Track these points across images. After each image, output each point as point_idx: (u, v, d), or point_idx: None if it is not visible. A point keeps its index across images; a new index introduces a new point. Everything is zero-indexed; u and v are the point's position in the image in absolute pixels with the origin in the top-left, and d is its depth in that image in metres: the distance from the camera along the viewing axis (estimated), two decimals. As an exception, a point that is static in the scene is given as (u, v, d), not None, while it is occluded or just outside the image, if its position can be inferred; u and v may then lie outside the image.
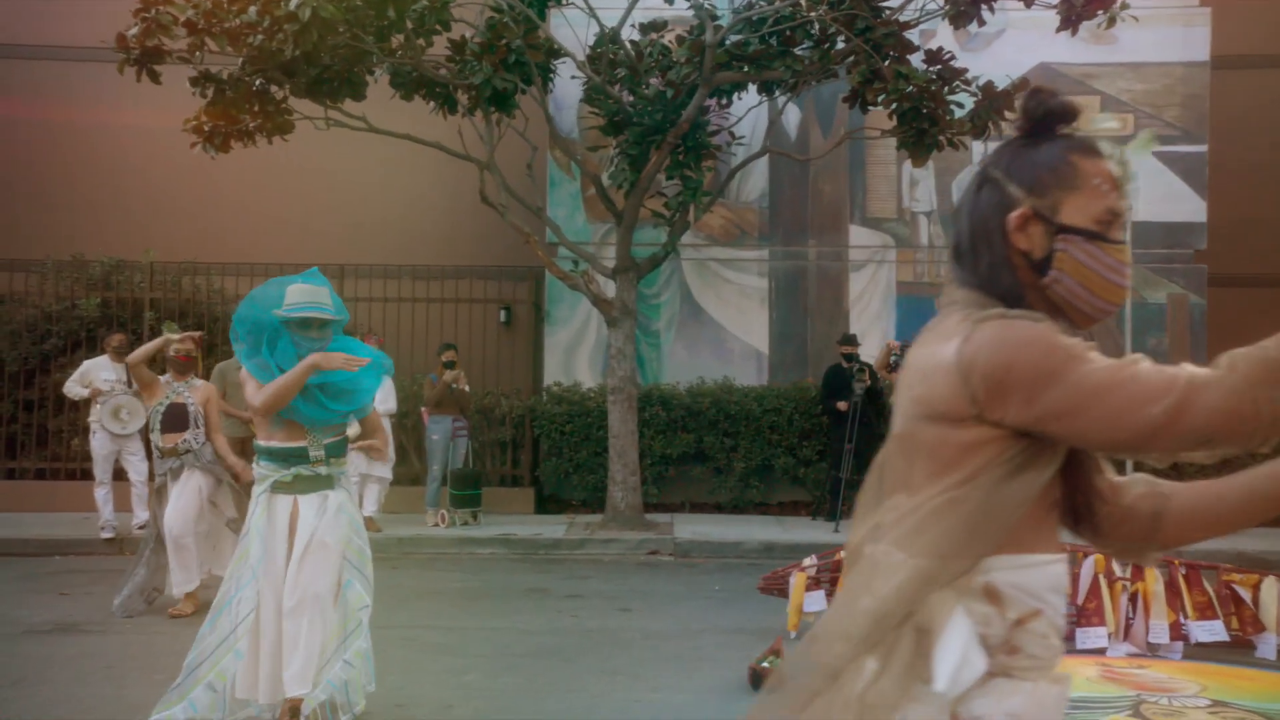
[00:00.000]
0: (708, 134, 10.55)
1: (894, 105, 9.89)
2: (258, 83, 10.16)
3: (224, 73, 9.94)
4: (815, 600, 6.14)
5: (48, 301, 12.21)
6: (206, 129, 10.36)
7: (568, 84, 11.77)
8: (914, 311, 12.57)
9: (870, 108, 10.47)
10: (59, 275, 12.36)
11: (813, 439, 11.85)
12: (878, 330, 12.45)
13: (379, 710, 4.79)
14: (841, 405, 11.03)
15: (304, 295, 4.52)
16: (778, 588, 6.37)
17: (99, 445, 10.00)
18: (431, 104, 10.88)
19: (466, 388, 10.86)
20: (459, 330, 12.67)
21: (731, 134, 10.92)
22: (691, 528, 10.80)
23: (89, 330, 12.06)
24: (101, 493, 10.05)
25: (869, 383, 11.01)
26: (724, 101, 10.82)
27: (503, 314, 13.77)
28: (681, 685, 5.35)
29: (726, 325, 12.76)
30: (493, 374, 12.51)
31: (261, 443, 4.57)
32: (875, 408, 11.23)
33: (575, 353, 12.85)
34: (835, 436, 11.26)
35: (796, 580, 6.16)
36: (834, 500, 11.15)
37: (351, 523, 4.60)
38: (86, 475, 11.88)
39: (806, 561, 6.37)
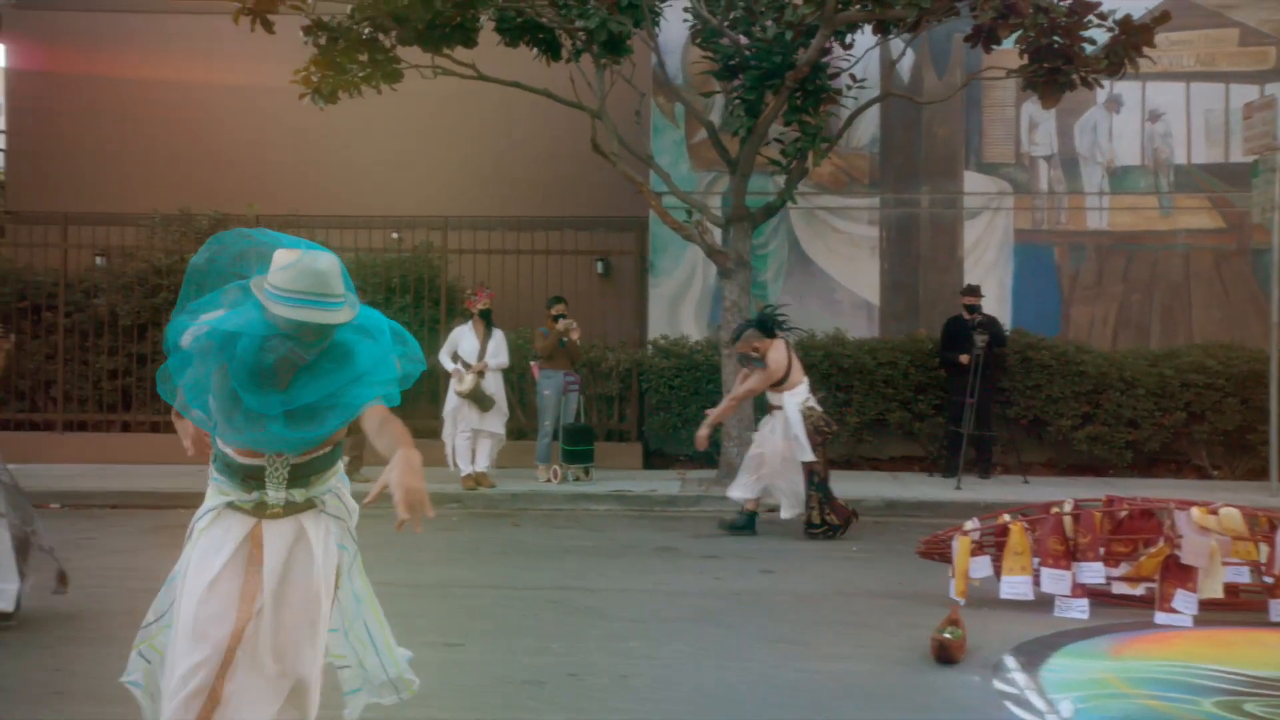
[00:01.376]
0: (828, 77, 10.13)
1: (1026, 42, 9.41)
2: (367, 31, 9.97)
3: (335, 21, 9.75)
4: (981, 566, 5.89)
5: (156, 255, 12.25)
6: (315, 80, 10.20)
7: (672, 28, 11.40)
8: (1032, 260, 12.11)
9: (993, 47, 9.98)
10: (167, 229, 12.38)
11: (928, 393, 11.51)
12: (994, 280, 12.01)
13: (553, 679, 4.67)
14: (963, 358, 10.67)
15: (305, 279, 2.85)
16: (939, 552, 6.12)
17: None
18: (535, 50, 10.61)
19: (578, 338, 10.67)
20: (563, 282, 12.48)
21: (853, 77, 10.48)
22: (807, 484, 10.55)
23: (197, 284, 12.07)
24: (219, 447, 10.09)
25: (990, 335, 10.63)
26: (846, 43, 10.37)
27: (600, 266, 13.55)
28: (854, 654, 5.15)
29: (835, 276, 12.42)
30: (597, 327, 12.30)
31: (217, 446, 3.14)
32: (996, 361, 10.86)
33: (680, 305, 12.61)
34: (954, 390, 10.92)
35: (960, 545, 5.91)
36: (952, 456, 10.84)
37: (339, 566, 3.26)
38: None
39: (968, 525, 6.11)
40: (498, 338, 10.45)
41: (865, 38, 10.71)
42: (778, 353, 8.35)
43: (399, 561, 7.10)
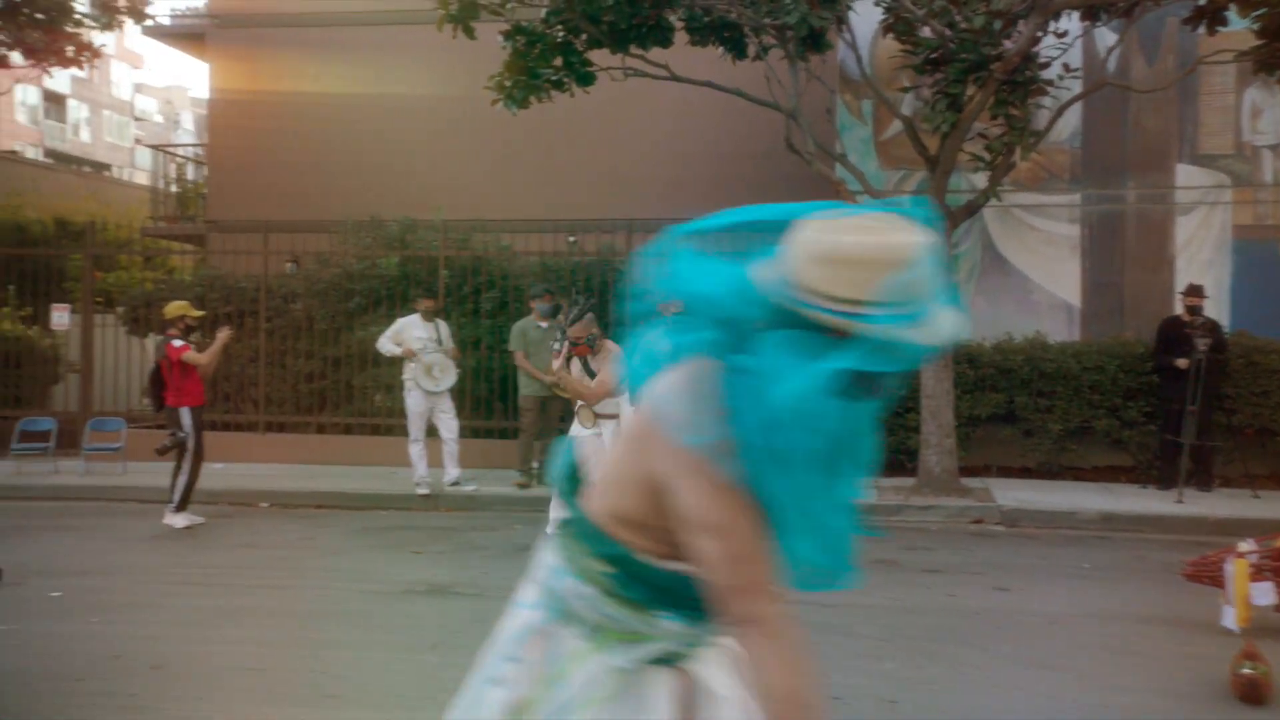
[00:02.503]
0: (1038, 67, 9.64)
1: (1260, 21, 8.74)
2: (561, 35, 9.97)
3: (531, 25, 9.80)
4: (1264, 592, 5.41)
5: (349, 261, 12.58)
6: (508, 85, 10.26)
7: (862, 21, 11.06)
8: (1254, 258, 11.30)
9: (1218, 29, 9.33)
10: (358, 235, 12.70)
11: (1138, 399, 10.83)
12: (1210, 279, 11.23)
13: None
14: (1181, 362, 9.99)
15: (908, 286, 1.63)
16: (1208, 575, 5.66)
17: (414, 403, 10.19)
18: (720, 50, 10.43)
19: None
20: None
21: (1066, 66, 9.93)
22: (1011, 494, 10.08)
23: (388, 288, 12.35)
24: (416, 449, 10.24)
25: (1213, 338, 9.93)
26: (1060, 31, 9.85)
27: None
28: (1138, 686, 4.77)
29: (1032, 276, 11.86)
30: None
31: (648, 559, 1.84)
32: (1218, 366, 10.15)
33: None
34: (1169, 397, 10.24)
35: (1236, 568, 5.44)
36: (1167, 466, 10.17)
37: None
38: (390, 431, 12.27)
39: (1242, 546, 5.62)
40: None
41: (1068, 24, 10.15)
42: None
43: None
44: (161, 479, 10.91)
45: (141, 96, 55.29)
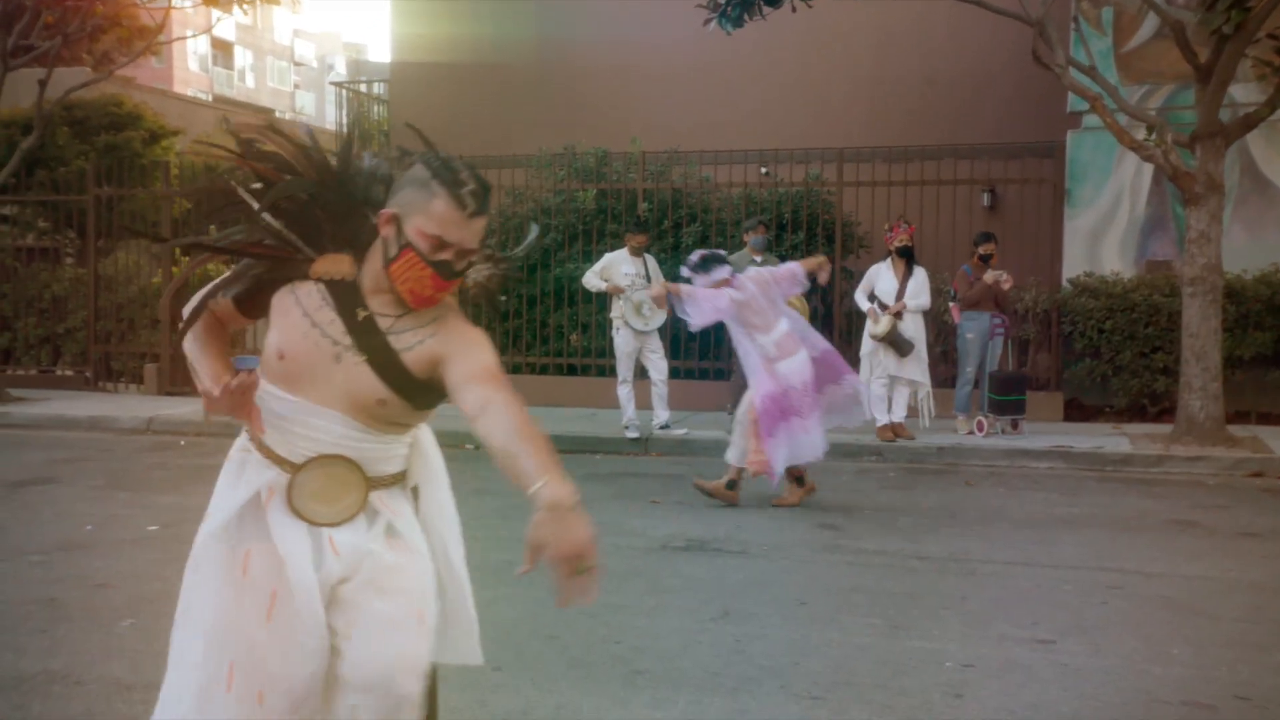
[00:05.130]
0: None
1: None
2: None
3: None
4: None
5: (544, 195, 12.15)
6: (723, 2, 9.54)
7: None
8: None
9: None
10: (553, 168, 12.24)
11: None
12: None
13: (1222, 701, 3.75)
14: None
15: None
16: None
17: (622, 342, 9.72)
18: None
19: (1010, 289, 9.51)
20: (972, 217, 11.36)
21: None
22: (1288, 444, 9.00)
23: (585, 223, 11.88)
24: (624, 391, 9.79)
25: None
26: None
27: (985, 198, 12.31)
28: None
29: (1301, 201, 10.54)
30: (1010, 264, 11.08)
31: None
32: None
33: (1102, 239, 11.16)
34: None
35: None
36: None
37: None
38: (586, 371, 11.88)
39: None
40: (919, 277, 9.51)
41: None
42: None
43: (886, 528, 6.41)
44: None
45: (300, 41, 56.50)
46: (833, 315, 11.31)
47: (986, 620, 4.59)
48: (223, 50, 47.87)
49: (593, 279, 9.79)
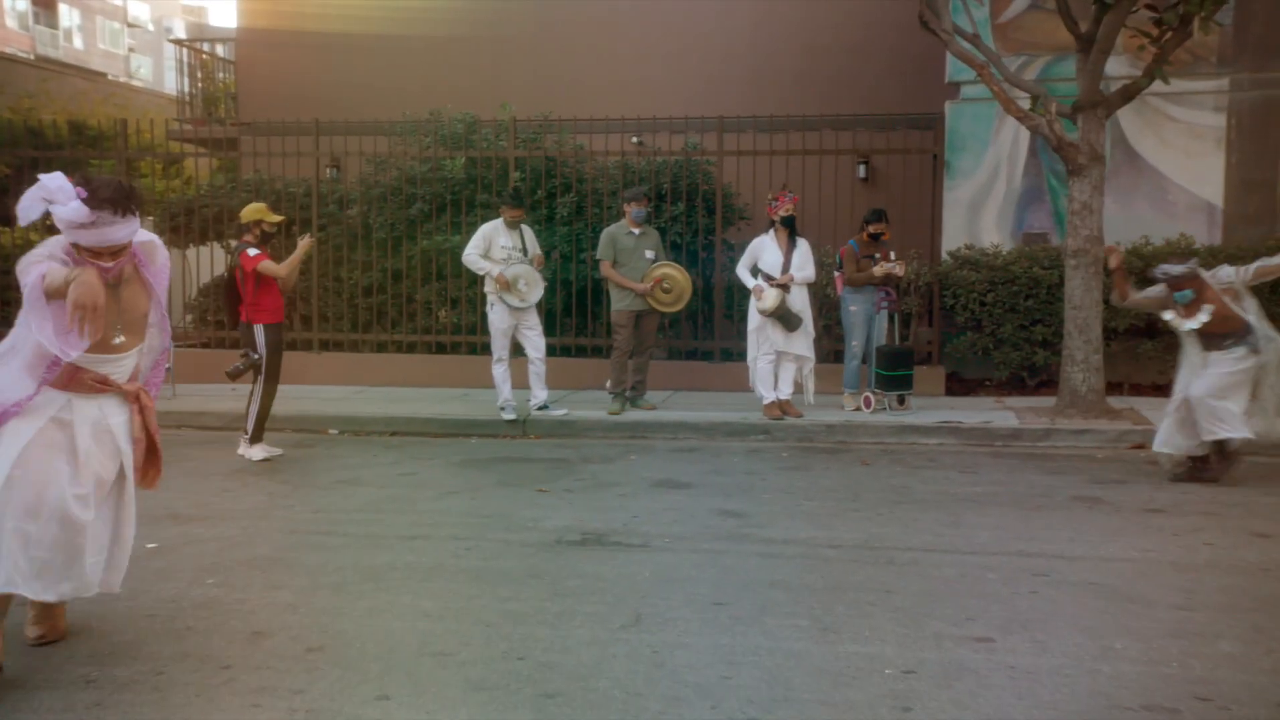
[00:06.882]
0: (1222, -74, 8.36)
1: None
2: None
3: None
4: None
5: (410, 163, 11.37)
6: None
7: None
8: None
9: None
10: (418, 135, 11.47)
11: (1296, 309, 9.78)
12: (1374, 175, 10.10)
13: (1185, 705, 3.47)
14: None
15: None
16: None
17: (497, 319, 9.11)
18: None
19: (903, 274, 9.29)
20: (851, 188, 11.14)
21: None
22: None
23: (454, 192, 11.18)
24: (500, 370, 9.20)
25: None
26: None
27: (861, 169, 12.13)
28: None
29: (1168, 173, 10.69)
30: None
31: None
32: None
33: (980, 211, 11.11)
34: (1338, 306, 9.19)
35: None
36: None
37: None
38: (456, 349, 11.24)
39: None
40: (803, 248, 9.21)
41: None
42: None
43: (790, 513, 6.04)
44: (213, 402, 9.92)
45: (135, 2, 53.04)
46: (713, 290, 10.95)
47: (918, 617, 4.25)
48: (45, 8, 44.42)
49: (476, 259, 9.08)
